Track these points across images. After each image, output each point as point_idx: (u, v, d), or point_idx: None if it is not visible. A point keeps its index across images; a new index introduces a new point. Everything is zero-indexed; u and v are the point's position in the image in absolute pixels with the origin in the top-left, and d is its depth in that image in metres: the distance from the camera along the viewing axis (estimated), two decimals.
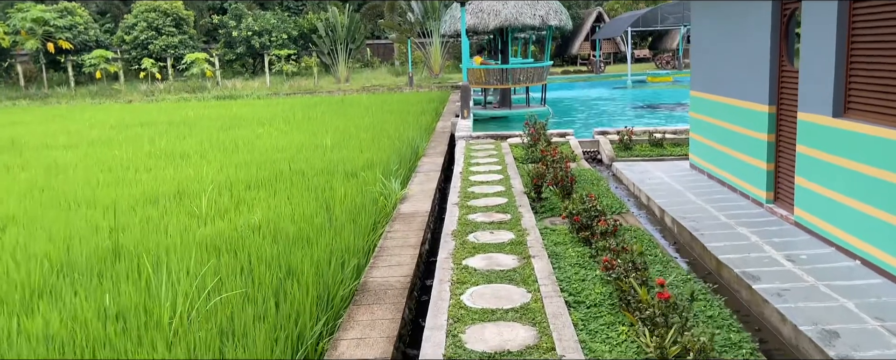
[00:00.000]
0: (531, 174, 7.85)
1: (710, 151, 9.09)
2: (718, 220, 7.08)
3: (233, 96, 32.69)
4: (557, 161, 8.75)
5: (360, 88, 34.02)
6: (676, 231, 7.18)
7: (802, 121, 6.38)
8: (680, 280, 5.09)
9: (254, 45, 38.33)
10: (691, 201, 7.96)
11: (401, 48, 42.78)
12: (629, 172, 10.01)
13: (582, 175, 9.44)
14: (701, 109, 9.46)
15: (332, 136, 15.97)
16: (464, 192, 8.05)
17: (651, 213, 8.25)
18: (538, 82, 17.92)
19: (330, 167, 11.73)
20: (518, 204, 7.21)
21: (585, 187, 8.70)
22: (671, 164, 10.58)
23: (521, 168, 10.07)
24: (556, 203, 7.76)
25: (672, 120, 17.87)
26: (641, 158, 11.25)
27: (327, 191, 9.81)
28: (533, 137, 11.18)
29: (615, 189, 9.52)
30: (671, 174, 9.66)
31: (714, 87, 8.85)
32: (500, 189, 8.08)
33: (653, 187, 8.83)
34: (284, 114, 22.50)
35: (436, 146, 14.71)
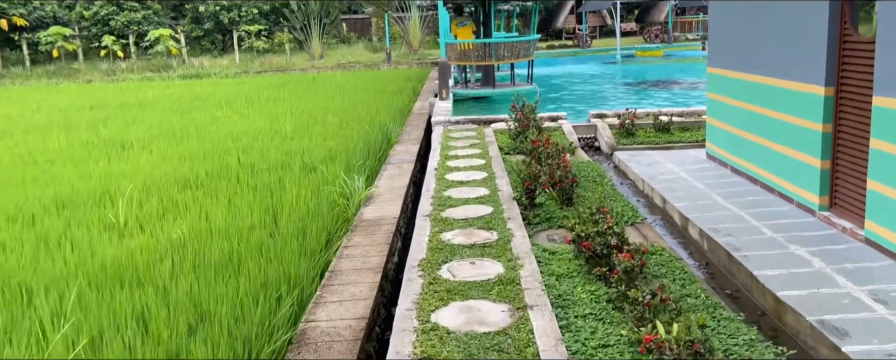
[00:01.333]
0: (522, 175, 6.27)
1: (735, 140, 7.56)
2: (761, 233, 5.56)
3: (199, 75, 30.85)
4: (552, 155, 7.17)
5: (334, 66, 32.24)
6: (707, 247, 5.66)
7: (881, 107, 4.84)
8: (743, 346, 3.54)
9: (222, 20, 36.30)
10: (719, 206, 6.43)
11: (379, 23, 40.87)
12: (635, 164, 8.47)
13: (581, 170, 7.88)
14: (723, 89, 7.91)
15: (296, 120, 14.33)
16: (439, 197, 6.46)
17: (668, 218, 6.72)
18: (524, 58, 16.30)
19: (286, 160, 10.12)
20: (506, 216, 5.64)
21: (588, 186, 7.14)
22: (682, 153, 9.05)
23: (509, 162, 8.50)
24: (554, 211, 6.20)
25: (674, 100, 16.34)
26: (646, 146, 9.71)
27: (277, 192, 8.20)
28: (521, 122, 9.60)
29: (620, 186, 7.98)
30: (686, 167, 8.13)
31: (743, 62, 7.29)
32: (484, 193, 6.50)
33: (668, 186, 7.28)
34: (249, 94, 20.81)
35: (411, 131, 13.14)
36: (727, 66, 7.73)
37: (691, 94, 17.02)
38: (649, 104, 15.53)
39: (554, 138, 9.93)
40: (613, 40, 41.51)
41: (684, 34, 40.07)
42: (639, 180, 7.92)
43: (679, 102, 15.57)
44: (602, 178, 7.61)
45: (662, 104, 15.53)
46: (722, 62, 7.90)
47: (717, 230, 5.68)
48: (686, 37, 39.70)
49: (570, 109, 15.21)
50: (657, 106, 15.29)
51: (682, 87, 18.64)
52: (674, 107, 14.38)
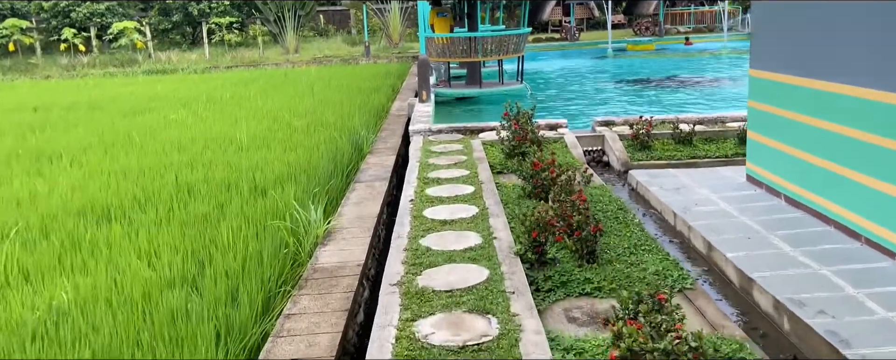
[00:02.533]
0: (527, 220, 4.60)
1: (794, 164, 5.94)
2: (869, 311, 3.93)
3: (166, 71, 28.95)
4: (562, 185, 5.51)
5: (310, 60, 30.39)
6: (792, 330, 4.02)
7: None
8: None
9: (192, 12, 34.31)
10: (789, 258, 4.80)
11: (357, 15, 39.06)
12: (658, 188, 6.84)
13: (595, 200, 6.23)
14: (774, 97, 6.29)
15: (257, 125, 12.62)
16: (413, 250, 4.77)
17: (718, 272, 5.08)
18: (514, 54, 14.64)
19: (235, 179, 8.41)
20: (507, 287, 3.97)
21: (607, 223, 5.48)
22: (713, 173, 7.42)
23: (503, 187, 6.82)
24: (571, 269, 4.55)
25: (682, 100, 14.74)
26: (667, 163, 8.09)
27: (211, 228, 6.50)
28: (516, 134, 7.93)
29: (643, 217, 6.35)
30: (724, 194, 6.50)
31: (810, 64, 5.66)
32: (475, 241, 4.83)
33: (708, 223, 5.65)
34: (213, 92, 19.04)
35: (387, 138, 11.48)
36: (782, 69, 6.10)
37: (699, 93, 15.46)
38: (654, 106, 13.93)
39: (557, 153, 8.29)
40: (601, 33, 39.92)
41: (675, 27, 38.56)
42: (667, 212, 6.28)
43: (689, 102, 13.98)
44: (624, 212, 5.95)
45: (669, 106, 13.93)
46: (773, 63, 6.27)
47: (802, 304, 4.05)
48: (677, 29, 38.19)
49: (565, 111, 13.57)
50: (663, 108, 13.69)
51: (685, 84, 17.07)
52: (685, 110, 12.81)
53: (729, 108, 13.49)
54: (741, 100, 14.38)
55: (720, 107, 13.59)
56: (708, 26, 38.35)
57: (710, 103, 14.17)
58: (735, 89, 16.01)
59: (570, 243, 4.66)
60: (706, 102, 14.42)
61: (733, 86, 16.71)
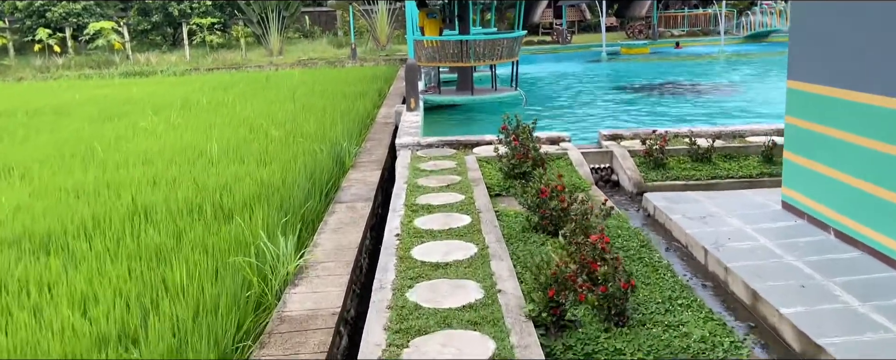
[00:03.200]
0: (542, 278, 3.67)
1: (843, 191, 5.06)
2: None
3: (144, 73, 27.91)
4: (577, 221, 4.60)
5: (294, 62, 29.41)
6: None
7: None
8: None
9: (172, 12, 33.21)
10: (861, 318, 3.91)
11: (343, 16, 38.08)
12: (682, 217, 5.94)
13: (611, 233, 5.33)
14: (816, 113, 5.42)
15: (231, 134, 11.68)
16: (397, 312, 3.82)
17: (767, 326, 4.18)
18: (508, 59, 13.74)
19: (197, 200, 7.46)
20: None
21: (637, 271, 4.57)
22: (739, 198, 6.54)
23: (505, 216, 5.90)
24: (596, 335, 3.64)
25: (687, 109, 13.89)
26: (685, 184, 7.20)
27: (163, 265, 5.56)
28: (517, 152, 7.02)
29: (665, 252, 5.46)
30: (759, 226, 5.61)
31: (858, 75, 4.79)
32: (475, 298, 3.90)
33: (751, 266, 4.75)
34: (190, 97, 18.08)
35: (372, 150, 10.58)
36: (830, 80, 5.23)
37: (701, 100, 14.63)
38: (656, 115, 13.07)
39: (560, 170, 7.39)
40: (593, 36, 39.12)
41: (669, 30, 37.82)
42: (695, 247, 5.38)
43: (695, 112, 13.13)
44: (648, 251, 5.04)
45: (672, 115, 13.08)
46: (818, 74, 5.39)
47: None
48: (671, 32, 37.44)
49: (562, 122, 12.69)
50: (666, 118, 12.84)
51: (685, 91, 16.24)
52: (689, 120, 11.94)
53: (736, 117, 12.65)
54: (748, 109, 13.57)
55: (726, 117, 12.75)
56: (702, 29, 37.62)
57: (714, 112, 13.34)
58: (738, 97, 15.19)
59: (592, 299, 3.75)
60: (709, 110, 13.58)
61: (735, 93, 15.90)
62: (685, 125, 11.63)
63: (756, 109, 13.55)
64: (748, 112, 13.29)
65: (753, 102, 14.39)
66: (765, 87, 16.72)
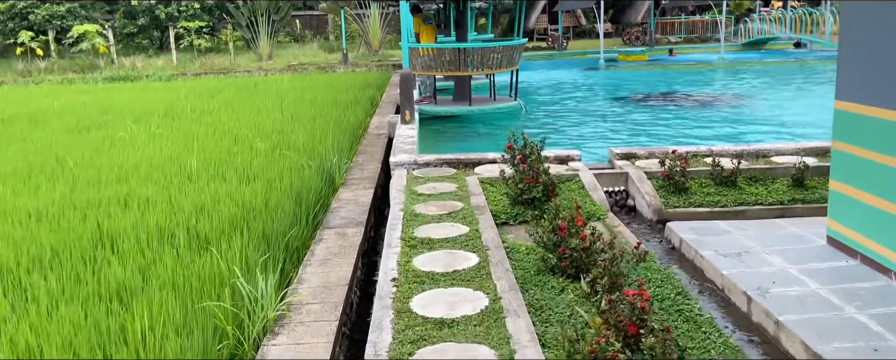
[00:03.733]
0: (572, 352, 2.97)
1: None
2: None
3: (129, 78, 27.13)
4: (606, 268, 3.91)
5: (284, 68, 28.66)
6: None
7: None
8: None
9: (159, 15, 32.42)
10: None
11: (335, 20, 37.37)
12: (714, 254, 5.26)
13: (640, 276, 4.64)
14: (871, 139, 4.75)
15: (214, 146, 10.97)
16: None
17: None
18: (508, 68, 13.06)
19: (171, 225, 6.74)
20: None
21: (677, 326, 3.88)
22: (775, 230, 5.86)
23: (516, 252, 5.19)
24: None
25: (695, 123, 13.23)
26: (710, 211, 6.51)
27: (123, 309, 4.84)
28: (525, 175, 6.32)
29: (699, 296, 4.78)
30: (807, 267, 4.92)
31: None
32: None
33: (807, 320, 4.06)
34: (174, 104, 17.34)
35: (364, 164, 9.91)
36: (886, 102, 4.56)
37: (709, 114, 13.98)
38: (664, 128, 12.42)
39: (573, 195, 6.69)
40: (589, 42, 38.54)
41: (666, 37, 37.28)
42: (733, 291, 4.70)
43: (700, 125, 12.48)
44: (686, 300, 4.33)
45: (680, 128, 12.43)
46: (873, 94, 4.72)
47: None
48: (668, 39, 36.90)
49: (565, 136, 12.01)
50: (674, 130, 12.19)
51: (689, 102, 15.61)
52: (698, 134, 11.30)
53: (743, 130, 12.01)
54: (757, 122, 12.92)
55: (733, 130, 12.11)
56: (700, 36, 37.09)
57: (720, 125, 12.70)
58: (745, 109, 14.57)
59: None
60: (715, 123, 12.94)
61: (740, 104, 15.28)
62: (697, 142, 11.02)
63: (765, 122, 12.92)
64: (758, 126, 12.65)
65: (761, 114, 13.76)
66: (770, 98, 16.11)
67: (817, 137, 11.00)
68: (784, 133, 11.61)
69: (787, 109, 14.25)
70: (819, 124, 12.55)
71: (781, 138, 11.00)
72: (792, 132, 11.78)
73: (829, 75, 20.72)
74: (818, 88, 17.74)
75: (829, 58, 26.78)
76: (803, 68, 23.60)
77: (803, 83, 19.10)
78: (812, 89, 17.73)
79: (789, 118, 13.21)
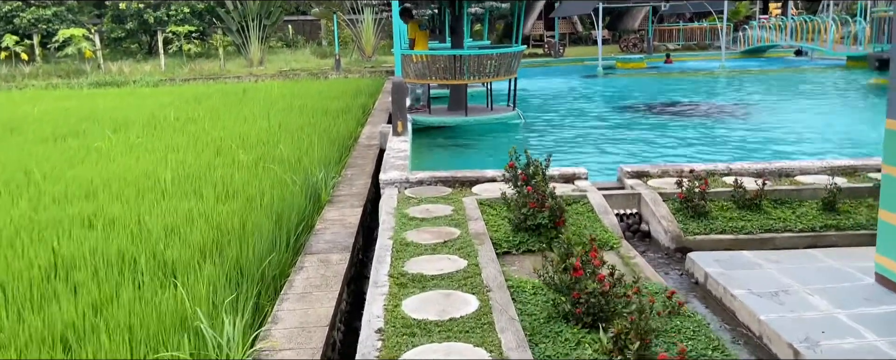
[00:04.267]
0: None
1: None
2: None
3: (116, 83, 26.43)
4: (635, 325, 3.25)
5: (275, 74, 28.01)
6: None
7: None
8: None
9: (147, 19, 31.71)
10: None
11: (328, 25, 36.72)
12: (747, 294, 4.59)
13: (671, 326, 3.98)
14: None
15: (193, 159, 10.29)
16: None
17: None
18: (506, 76, 12.42)
19: (134, 250, 6.07)
20: None
21: None
22: (811, 263, 5.21)
23: (523, 297, 4.51)
24: None
25: (703, 134, 12.60)
26: (734, 239, 5.86)
27: (76, 344, 4.17)
28: (529, 199, 5.65)
29: (733, 345, 4.13)
30: (858, 312, 4.27)
31: None
32: None
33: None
34: (158, 111, 16.66)
35: (353, 180, 9.25)
36: None
37: (714, 125, 13.36)
38: (671, 140, 11.78)
39: (582, 219, 6.04)
40: (585, 49, 37.97)
41: (664, 44, 36.75)
42: (775, 342, 4.03)
43: (714, 139, 11.83)
44: (722, 355, 3.68)
45: (686, 140, 11.79)
46: None
47: None
48: (666, 46, 36.37)
49: (567, 149, 11.38)
50: (680, 142, 11.56)
51: (694, 112, 14.99)
52: (708, 147, 10.65)
53: (758, 146, 11.39)
54: (767, 136, 12.28)
55: (742, 143, 11.48)
56: (698, 44, 36.57)
57: (728, 138, 12.07)
58: (752, 120, 13.96)
59: None
60: (721, 135, 12.31)
61: (747, 115, 14.67)
62: (706, 157, 10.39)
63: (777, 135, 12.29)
64: (770, 139, 12.02)
65: (771, 126, 13.13)
66: (778, 108, 15.49)
67: (836, 153, 10.41)
68: (800, 148, 10.99)
69: (799, 121, 13.64)
70: (834, 138, 11.96)
71: (797, 154, 10.38)
72: (808, 147, 11.18)
73: (834, 84, 20.15)
74: (826, 99, 17.15)
75: (831, 66, 26.25)
76: (807, 77, 23.04)
77: (810, 93, 18.51)
78: (819, 99, 17.14)
79: (802, 131, 12.60)
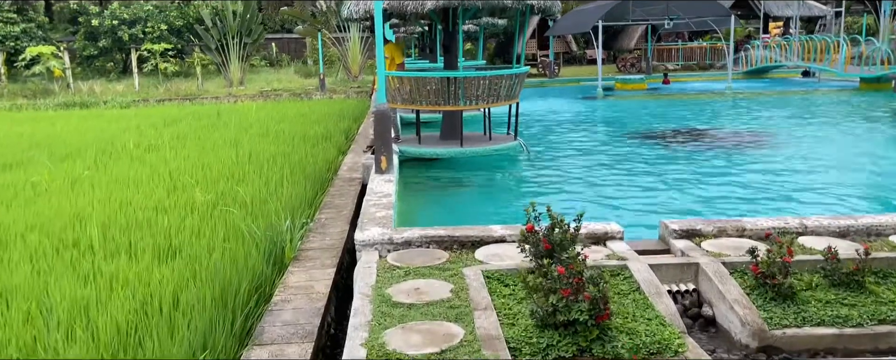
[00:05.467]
0: None
1: None
2: None
3: (85, 104, 24.84)
4: None
5: (255, 94, 26.41)
6: None
7: None
8: None
9: (122, 37, 30.06)
10: None
11: (313, 43, 35.23)
12: None
13: None
14: None
15: (143, 200, 8.75)
16: None
17: None
18: (507, 101, 10.84)
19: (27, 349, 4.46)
20: None
21: None
22: None
23: None
24: None
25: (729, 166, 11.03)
26: (837, 334, 4.26)
27: None
28: (561, 284, 4.04)
29: None
30: None
31: None
32: None
33: None
34: (116, 138, 15.07)
35: (327, 226, 7.70)
36: None
37: (750, 159, 11.77)
38: (703, 178, 10.19)
39: (626, 302, 4.43)
40: (581, 69, 36.60)
41: (663, 63, 35.40)
42: None
43: (748, 176, 10.20)
44: None
45: (725, 177, 10.21)
46: None
47: None
48: (665, 66, 35.02)
49: (579, 188, 9.75)
50: (715, 180, 9.98)
51: (715, 142, 13.43)
52: (751, 192, 8.99)
53: (804, 186, 9.83)
54: (808, 172, 10.64)
55: (789, 184, 9.93)
56: (698, 63, 35.25)
57: (766, 174, 10.52)
58: (783, 151, 12.43)
59: None
60: (761, 171, 10.76)
61: (777, 144, 13.15)
62: (744, 197, 8.83)
63: (817, 171, 10.74)
64: (810, 174, 10.47)
65: (807, 159, 11.59)
66: (806, 136, 13.96)
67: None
68: (854, 189, 9.44)
69: (837, 152, 12.12)
70: (889, 172, 10.43)
71: (853, 197, 8.83)
72: (864, 187, 9.65)
73: (858, 108, 18.70)
74: (856, 125, 15.64)
75: (843, 88, 24.88)
76: (823, 100, 21.61)
77: (835, 118, 17.02)
78: (849, 125, 15.64)
79: (847, 165, 11.06)
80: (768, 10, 36.14)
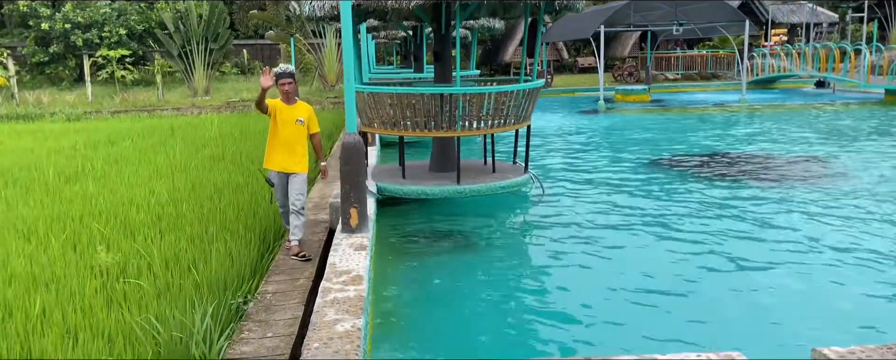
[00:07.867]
0: None
1: None
2: None
3: (31, 116, 22.27)
4: None
5: (221, 105, 23.87)
6: None
7: None
8: None
9: (75, 42, 27.36)
10: None
11: (287, 50, 32.73)
12: None
13: None
14: None
15: (25, 263, 6.24)
16: None
17: None
18: (516, 125, 8.44)
19: None
20: None
21: None
22: None
23: None
24: None
25: (793, 209, 8.66)
26: None
27: None
28: None
29: None
30: None
31: None
32: None
33: None
34: (40, 161, 12.65)
35: (273, 307, 5.38)
36: None
37: (813, 197, 9.39)
38: (763, 227, 7.78)
39: None
40: (573, 78, 34.39)
41: (662, 72, 33.24)
42: None
43: (837, 220, 7.82)
44: None
45: (793, 228, 7.81)
46: None
47: None
48: (664, 75, 32.86)
49: (602, 249, 7.23)
50: (787, 230, 7.55)
51: (765, 172, 11.09)
52: (870, 259, 6.55)
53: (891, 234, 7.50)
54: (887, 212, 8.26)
55: (876, 233, 7.61)
56: (699, 73, 33.11)
57: (840, 219, 8.21)
58: (850, 182, 10.14)
59: None
60: (836, 216, 8.44)
61: (836, 172, 10.86)
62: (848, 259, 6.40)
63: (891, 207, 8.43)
64: None
65: (882, 197, 9.30)
66: (872, 164, 11.67)
67: None
68: None
69: None
70: None
71: None
72: None
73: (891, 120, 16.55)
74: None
75: (866, 100, 22.78)
76: (853, 114, 19.41)
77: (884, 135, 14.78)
78: None
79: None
80: (774, 16, 34.11)
